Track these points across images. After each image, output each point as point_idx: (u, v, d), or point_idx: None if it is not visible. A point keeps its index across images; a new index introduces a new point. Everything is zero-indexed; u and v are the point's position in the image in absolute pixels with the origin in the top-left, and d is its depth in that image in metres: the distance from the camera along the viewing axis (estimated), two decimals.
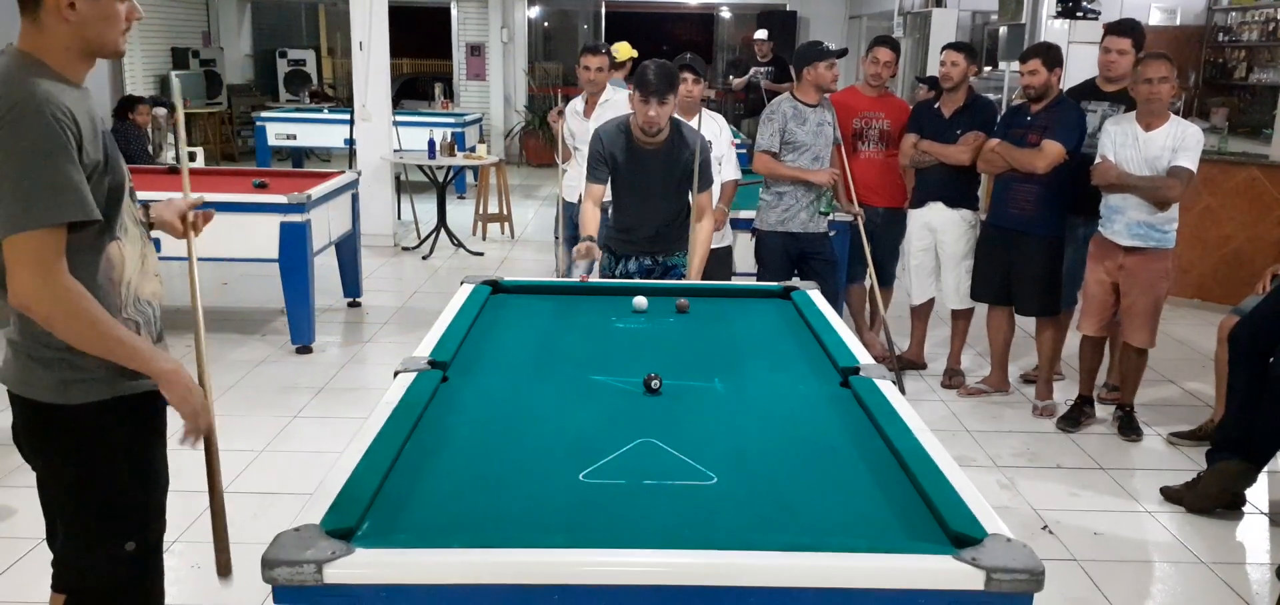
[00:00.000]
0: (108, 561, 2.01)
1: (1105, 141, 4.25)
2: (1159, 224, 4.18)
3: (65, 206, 1.74)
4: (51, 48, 1.83)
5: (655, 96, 3.59)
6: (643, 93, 3.60)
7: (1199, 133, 4.16)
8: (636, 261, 3.96)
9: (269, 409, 4.56)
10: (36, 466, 2.01)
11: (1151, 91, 4.08)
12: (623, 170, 3.82)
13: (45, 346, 1.89)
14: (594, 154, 3.85)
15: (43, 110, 1.72)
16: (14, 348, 1.93)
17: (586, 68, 5.27)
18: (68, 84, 1.83)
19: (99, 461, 1.97)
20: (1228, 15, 9.80)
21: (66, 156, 1.74)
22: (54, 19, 1.80)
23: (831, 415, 2.31)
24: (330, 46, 15.55)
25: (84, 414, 1.92)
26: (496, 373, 2.55)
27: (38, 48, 1.82)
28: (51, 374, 1.90)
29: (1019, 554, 1.56)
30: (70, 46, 1.84)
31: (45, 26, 1.81)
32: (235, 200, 5.27)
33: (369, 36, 7.90)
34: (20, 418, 1.97)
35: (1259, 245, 6.40)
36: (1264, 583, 3.31)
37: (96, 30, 1.84)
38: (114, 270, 1.93)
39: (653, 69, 3.61)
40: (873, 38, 5.40)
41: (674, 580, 1.53)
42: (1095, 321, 4.46)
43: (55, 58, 1.83)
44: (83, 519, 2.00)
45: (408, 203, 8.72)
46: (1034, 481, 4.01)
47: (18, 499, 3.53)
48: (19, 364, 1.93)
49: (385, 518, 1.69)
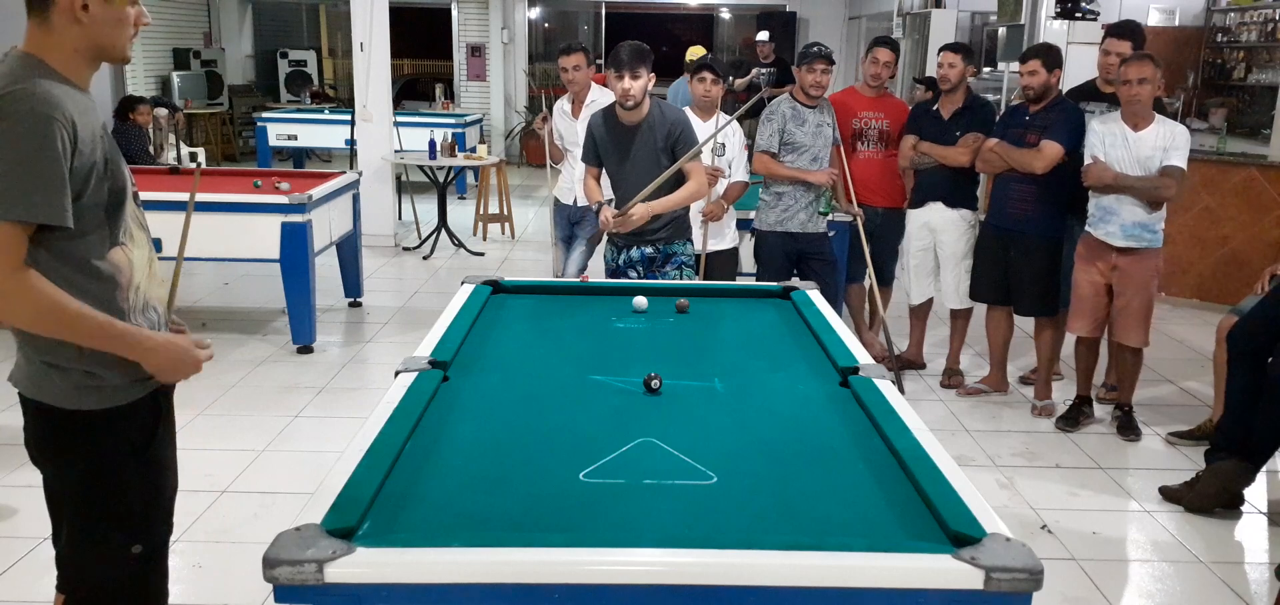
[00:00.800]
0: (112, 564, 2.01)
1: (1093, 141, 4.25)
2: (1151, 224, 4.21)
3: (34, 207, 1.72)
4: (58, 50, 1.82)
5: (628, 69, 3.77)
6: (616, 68, 3.80)
7: (1186, 132, 4.22)
8: (639, 249, 3.99)
9: (269, 409, 4.57)
10: (45, 470, 2.00)
11: (1131, 92, 4.10)
12: (611, 151, 3.96)
13: (61, 352, 1.88)
14: (585, 141, 4.10)
15: (36, 110, 1.71)
16: (26, 353, 1.92)
17: (563, 68, 5.31)
18: (71, 87, 1.83)
19: (109, 465, 1.96)
20: (1227, 16, 9.81)
21: (50, 158, 1.72)
22: (65, 20, 1.80)
23: (831, 415, 2.31)
24: (331, 47, 15.56)
25: (97, 419, 1.92)
26: (497, 373, 2.56)
27: (43, 50, 1.82)
28: (67, 380, 1.89)
29: (1018, 553, 1.56)
30: (78, 49, 1.84)
31: (55, 27, 1.81)
32: (235, 200, 5.29)
33: (370, 37, 7.91)
34: (32, 422, 1.96)
35: (1257, 245, 6.41)
36: (1263, 582, 3.31)
37: (107, 33, 1.85)
38: (122, 274, 1.92)
39: (625, 45, 3.81)
40: (872, 38, 5.41)
41: (674, 580, 1.53)
42: (1088, 322, 4.47)
43: (61, 60, 1.83)
44: (90, 521, 1.98)
45: (408, 203, 8.72)
46: (1033, 481, 4.01)
47: (18, 499, 3.54)
48: (32, 368, 1.91)
49: (386, 517, 1.69)
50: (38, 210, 1.72)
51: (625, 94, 3.79)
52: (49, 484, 2.03)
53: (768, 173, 4.77)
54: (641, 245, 3.98)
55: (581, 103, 5.29)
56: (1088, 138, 4.31)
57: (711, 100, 4.65)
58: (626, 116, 3.87)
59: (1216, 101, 9.40)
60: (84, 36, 1.83)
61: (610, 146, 3.95)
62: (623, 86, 3.79)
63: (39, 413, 1.94)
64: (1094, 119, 4.38)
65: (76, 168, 1.77)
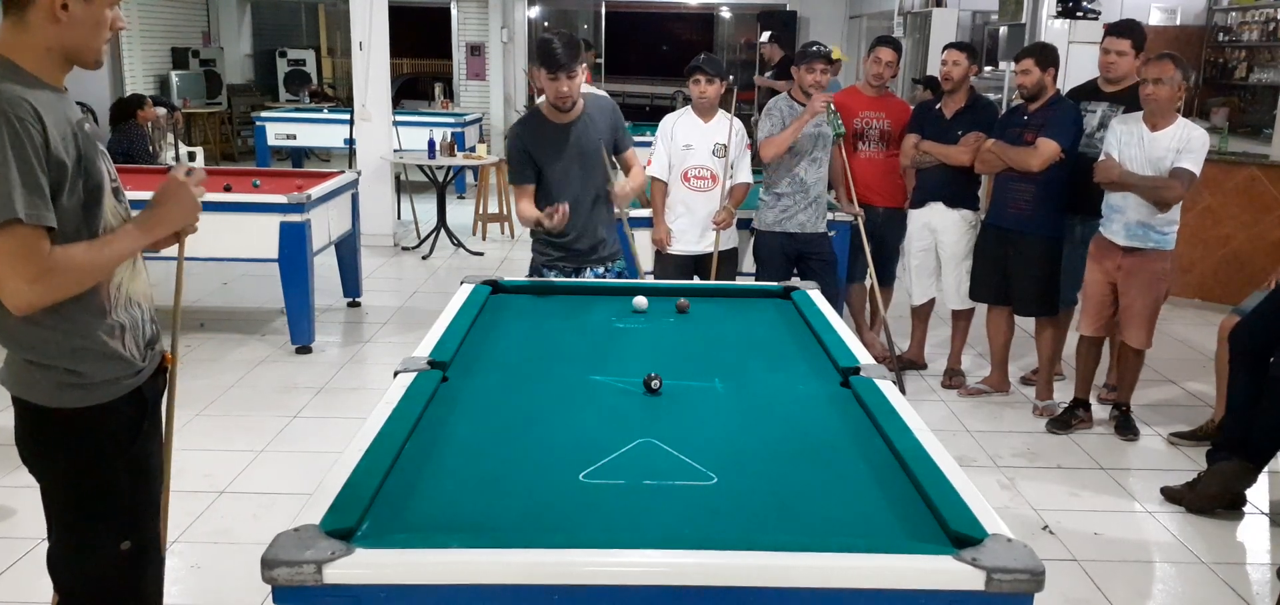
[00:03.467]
0: (102, 561, 2.01)
1: (1110, 140, 4.24)
2: (1158, 225, 4.17)
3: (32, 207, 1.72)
4: (30, 49, 1.81)
5: (563, 70, 3.47)
6: (550, 68, 3.48)
7: (1205, 136, 4.13)
8: (592, 270, 3.81)
9: (269, 409, 4.56)
10: (32, 468, 2.00)
11: (1148, 92, 4.07)
12: (549, 157, 3.64)
13: (44, 349, 1.88)
14: (512, 153, 3.72)
15: (4, 110, 1.70)
16: (10, 350, 1.92)
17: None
18: (42, 86, 1.82)
19: (93, 462, 1.96)
20: (1228, 15, 9.80)
21: (19, 158, 1.71)
22: (43, 19, 1.80)
23: (831, 415, 2.30)
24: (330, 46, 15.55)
25: (79, 418, 1.92)
26: (496, 373, 2.55)
27: (13, 49, 1.81)
28: (48, 377, 1.89)
29: (1019, 554, 1.55)
30: (52, 48, 1.83)
31: (30, 26, 1.80)
32: (235, 200, 5.28)
33: (369, 36, 7.90)
34: (19, 421, 1.97)
35: (1259, 245, 6.40)
36: (1264, 583, 3.31)
37: (83, 34, 1.84)
38: None
39: (558, 41, 3.50)
40: (875, 38, 5.40)
41: (674, 580, 1.53)
42: (1093, 322, 4.46)
43: (31, 60, 1.82)
44: (77, 519, 1.99)
45: (408, 203, 8.72)
46: (1034, 481, 4.01)
47: (18, 499, 3.53)
48: (16, 366, 1.92)
49: (385, 518, 1.69)
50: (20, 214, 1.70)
51: (563, 97, 3.53)
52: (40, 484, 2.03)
53: (775, 148, 4.64)
54: (594, 265, 3.81)
55: None
56: (1106, 136, 4.30)
57: (709, 101, 4.63)
58: (559, 117, 3.64)
59: (1218, 101, 9.38)
60: (60, 36, 1.82)
61: (546, 153, 3.65)
62: (561, 89, 3.51)
63: (25, 412, 1.94)
64: (1115, 118, 4.37)
65: (48, 164, 1.76)
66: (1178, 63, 4.08)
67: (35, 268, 1.74)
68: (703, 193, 4.68)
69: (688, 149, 4.66)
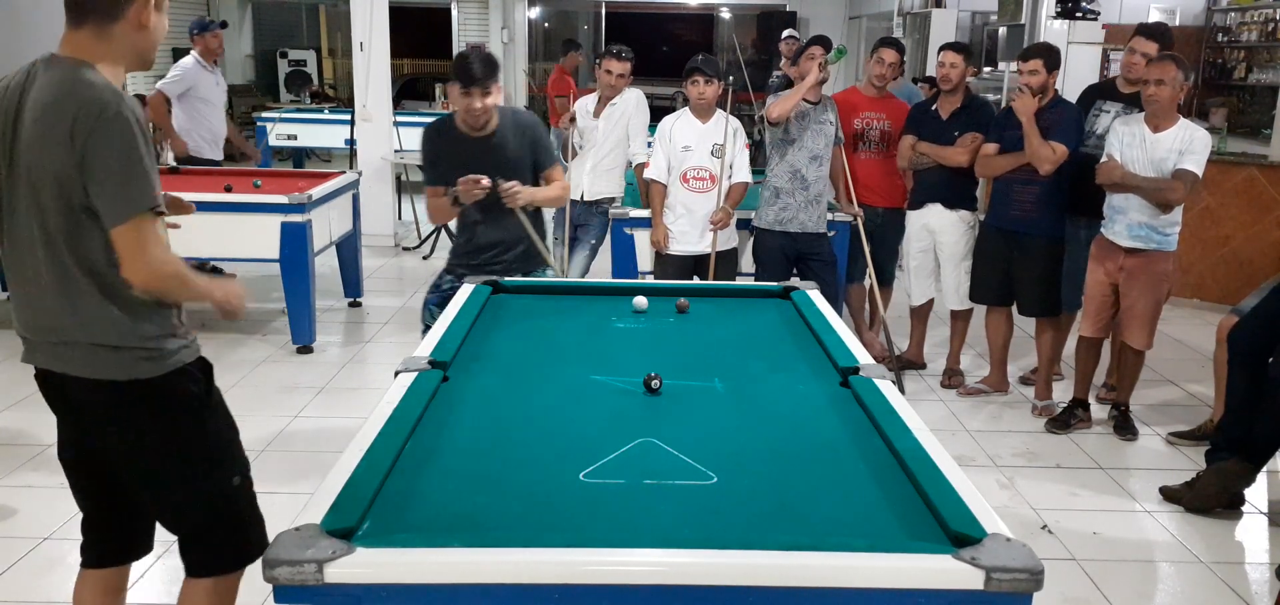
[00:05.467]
0: (223, 499, 2.19)
1: (1113, 141, 4.24)
2: (1160, 226, 4.16)
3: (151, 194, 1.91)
4: (111, 57, 1.94)
5: (478, 87, 3.34)
6: (464, 83, 3.33)
7: (1207, 137, 4.13)
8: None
9: (269, 409, 4.57)
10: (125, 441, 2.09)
11: (1149, 93, 4.08)
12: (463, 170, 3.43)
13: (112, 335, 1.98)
14: (428, 158, 3.63)
15: (129, 112, 1.87)
16: (77, 340, 2.00)
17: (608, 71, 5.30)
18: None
19: (193, 416, 2.13)
20: (1227, 15, 9.81)
21: (149, 152, 1.92)
22: (129, 29, 1.94)
23: (831, 415, 2.31)
24: (331, 47, 15.55)
25: (161, 383, 2.05)
26: (497, 373, 2.55)
27: (94, 57, 1.93)
28: (121, 357, 2.00)
29: (1018, 553, 1.56)
30: (127, 57, 1.98)
31: (115, 37, 1.93)
32: (236, 201, 5.29)
33: (369, 37, 7.91)
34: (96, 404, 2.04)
35: (1258, 245, 6.40)
36: (1263, 582, 3.31)
37: (154, 41, 2.00)
38: None
39: (474, 57, 3.37)
40: (878, 39, 5.41)
41: (674, 580, 1.53)
42: (1094, 323, 4.46)
43: (110, 67, 1.95)
44: (192, 471, 2.14)
45: (408, 203, 8.72)
46: (1033, 481, 4.01)
47: (18, 499, 3.53)
48: (83, 351, 2.00)
49: (386, 517, 1.69)
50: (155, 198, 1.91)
51: (476, 116, 3.41)
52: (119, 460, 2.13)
53: (779, 108, 4.62)
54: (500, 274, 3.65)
55: (606, 102, 5.36)
56: (1109, 136, 4.30)
57: (706, 103, 4.63)
58: (472, 132, 3.51)
59: (1217, 101, 9.39)
60: (137, 45, 1.97)
61: (452, 165, 3.48)
62: (474, 106, 3.37)
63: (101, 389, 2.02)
64: (1119, 119, 4.37)
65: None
66: (1179, 63, 4.08)
67: (163, 249, 1.96)
68: (701, 193, 4.69)
69: (686, 150, 4.67)
